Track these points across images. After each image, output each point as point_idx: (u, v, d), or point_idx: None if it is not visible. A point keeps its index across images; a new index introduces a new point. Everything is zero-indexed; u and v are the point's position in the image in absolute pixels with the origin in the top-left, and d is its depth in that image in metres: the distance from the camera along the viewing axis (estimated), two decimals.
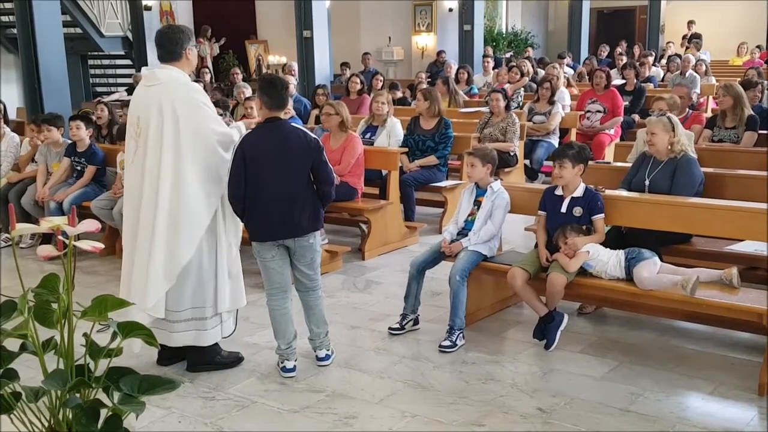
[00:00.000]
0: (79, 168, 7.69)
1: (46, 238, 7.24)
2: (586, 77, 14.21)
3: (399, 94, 12.07)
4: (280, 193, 4.43)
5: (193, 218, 4.42)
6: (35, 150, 8.09)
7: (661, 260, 4.89)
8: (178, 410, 4.21)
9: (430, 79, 13.23)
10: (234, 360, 4.79)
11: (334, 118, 7.14)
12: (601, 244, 4.94)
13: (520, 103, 11.08)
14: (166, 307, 4.46)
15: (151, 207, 4.40)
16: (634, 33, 23.55)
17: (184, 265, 4.43)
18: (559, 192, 5.13)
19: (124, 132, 7.18)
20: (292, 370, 4.61)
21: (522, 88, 12.08)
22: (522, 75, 12.29)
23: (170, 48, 4.51)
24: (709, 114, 9.81)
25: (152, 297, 4.38)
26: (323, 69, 13.19)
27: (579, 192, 5.04)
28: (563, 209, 5.06)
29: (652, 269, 4.72)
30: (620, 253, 4.84)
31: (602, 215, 4.99)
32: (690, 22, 20.06)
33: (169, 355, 4.73)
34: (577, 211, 5.02)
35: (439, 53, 17.16)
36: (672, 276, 4.65)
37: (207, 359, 4.68)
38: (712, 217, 4.85)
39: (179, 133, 4.37)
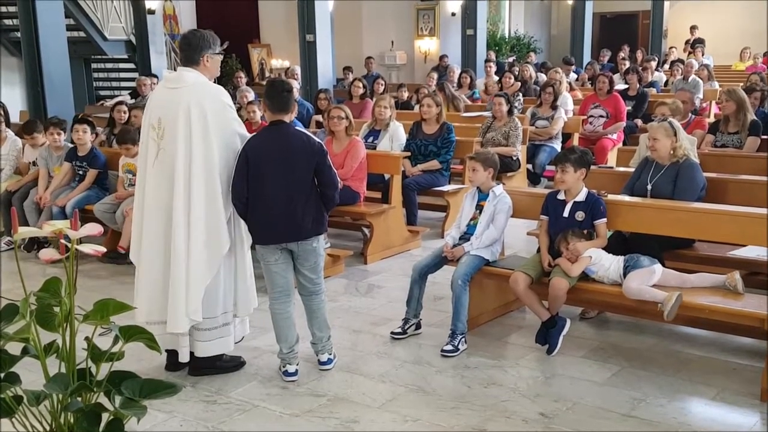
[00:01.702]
0: (81, 172, 7.69)
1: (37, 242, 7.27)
2: (588, 82, 14.24)
3: (405, 95, 12.06)
4: (283, 196, 4.44)
5: (221, 226, 4.46)
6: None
7: (664, 265, 4.88)
8: (180, 414, 4.21)
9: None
10: (236, 364, 4.79)
11: (344, 122, 7.17)
12: (603, 249, 4.93)
13: (521, 109, 11.09)
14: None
15: (184, 216, 4.40)
16: (636, 38, 23.56)
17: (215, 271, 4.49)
18: (561, 196, 5.13)
19: (125, 135, 7.33)
20: (294, 374, 4.61)
21: (520, 93, 12.11)
22: (515, 80, 12.32)
23: (189, 53, 4.52)
24: (712, 119, 9.80)
25: (194, 308, 4.42)
26: (326, 73, 13.21)
27: (581, 196, 5.04)
28: (565, 213, 5.06)
29: (645, 278, 4.70)
30: (620, 260, 4.83)
31: (605, 220, 4.99)
32: (693, 27, 20.06)
33: (176, 360, 4.73)
34: (580, 215, 5.01)
35: (442, 57, 17.17)
36: (656, 292, 4.61)
37: (209, 363, 4.68)
38: (715, 222, 4.84)
39: (209, 136, 4.38)
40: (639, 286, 4.65)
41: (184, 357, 4.62)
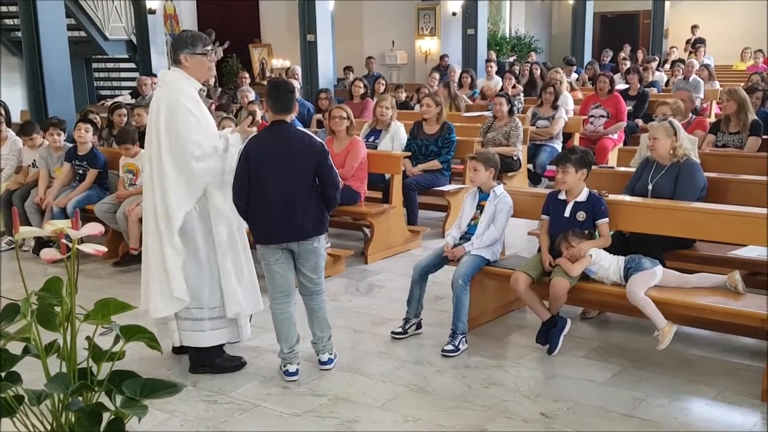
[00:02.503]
0: (80, 171, 7.69)
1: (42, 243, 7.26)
2: (588, 82, 14.24)
3: (403, 95, 12.06)
4: (284, 196, 4.44)
5: (171, 216, 4.51)
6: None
7: (664, 266, 4.88)
8: (181, 414, 4.21)
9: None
10: (237, 365, 4.78)
11: (346, 122, 7.18)
12: (604, 249, 4.93)
13: (520, 109, 11.10)
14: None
15: (151, 208, 4.55)
16: (637, 37, 23.55)
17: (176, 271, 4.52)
18: (562, 196, 5.12)
19: (124, 135, 7.33)
20: (295, 373, 4.61)
21: (521, 93, 12.12)
22: (517, 81, 12.38)
23: (172, 53, 4.68)
24: (713, 119, 9.80)
25: (178, 289, 4.50)
26: (327, 73, 13.21)
27: (582, 197, 5.04)
28: (566, 214, 5.05)
29: (648, 281, 4.69)
30: (620, 261, 4.83)
31: (606, 220, 4.98)
32: (694, 27, 20.06)
33: (179, 350, 4.86)
34: (581, 215, 5.01)
35: (442, 57, 17.16)
36: (658, 315, 4.60)
37: (207, 361, 4.70)
38: (715, 222, 4.84)
39: (160, 134, 4.47)
40: (644, 298, 4.62)
41: (175, 341, 4.70)
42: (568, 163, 4.99)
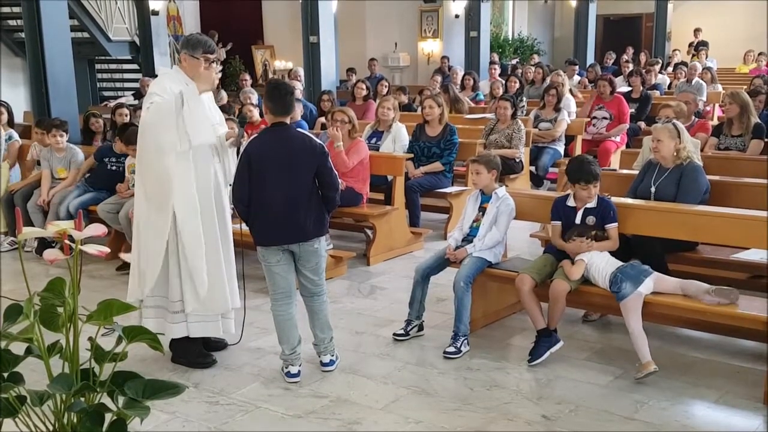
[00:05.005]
0: (113, 168, 7.69)
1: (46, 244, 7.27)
2: (589, 85, 14.23)
3: (404, 98, 12.05)
4: (285, 197, 4.45)
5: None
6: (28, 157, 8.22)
7: (667, 269, 4.86)
8: (183, 415, 4.21)
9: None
10: (200, 363, 4.82)
11: (347, 126, 7.19)
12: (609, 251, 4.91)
13: (524, 111, 11.09)
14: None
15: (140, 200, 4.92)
16: (640, 40, 23.55)
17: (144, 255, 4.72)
18: (571, 203, 5.05)
19: (131, 137, 7.33)
20: (296, 375, 4.61)
21: (524, 97, 12.12)
22: (521, 84, 12.41)
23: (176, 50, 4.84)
24: (715, 122, 9.80)
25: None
26: (329, 74, 13.21)
27: (593, 203, 4.99)
28: (577, 220, 5.01)
29: (637, 305, 4.56)
30: (606, 279, 4.70)
31: (616, 224, 4.93)
32: (696, 30, 20.05)
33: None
34: (591, 220, 4.97)
35: (443, 59, 17.13)
36: (644, 349, 4.50)
37: (179, 352, 4.84)
38: (718, 225, 4.84)
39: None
40: (640, 331, 4.54)
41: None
42: (597, 181, 4.93)
